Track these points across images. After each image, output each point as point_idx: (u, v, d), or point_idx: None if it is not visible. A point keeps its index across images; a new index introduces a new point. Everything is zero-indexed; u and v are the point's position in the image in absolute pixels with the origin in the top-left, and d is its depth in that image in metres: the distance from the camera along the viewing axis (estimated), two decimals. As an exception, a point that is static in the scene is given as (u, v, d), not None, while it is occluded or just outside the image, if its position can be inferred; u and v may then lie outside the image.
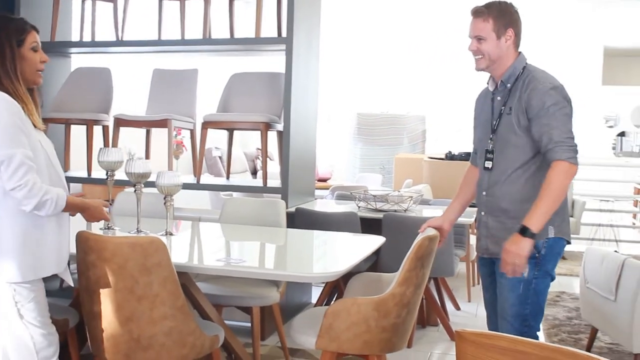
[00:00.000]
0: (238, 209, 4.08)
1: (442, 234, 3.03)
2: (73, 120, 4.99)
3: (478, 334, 1.84)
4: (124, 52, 5.43)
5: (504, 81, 2.79)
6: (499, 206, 2.79)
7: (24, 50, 2.52)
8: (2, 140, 2.35)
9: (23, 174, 2.35)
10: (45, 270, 2.51)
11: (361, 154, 10.31)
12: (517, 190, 2.74)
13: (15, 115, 2.39)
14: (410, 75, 11.09)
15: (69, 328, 3.07)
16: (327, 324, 2.71)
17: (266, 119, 4.61)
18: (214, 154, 8.65)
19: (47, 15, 5.12)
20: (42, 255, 2.48)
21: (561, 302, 5.53)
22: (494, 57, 2.76)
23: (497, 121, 2.80)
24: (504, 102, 2.78)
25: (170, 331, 2.59)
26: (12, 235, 2.42)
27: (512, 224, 2.69)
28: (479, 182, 2.91)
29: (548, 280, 2.77)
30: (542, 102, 2.64)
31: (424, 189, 6.44)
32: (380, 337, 2.72)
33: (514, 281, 2.72)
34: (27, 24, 2.58)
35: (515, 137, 2.72)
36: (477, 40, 2.77)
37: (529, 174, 2.72)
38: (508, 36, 2.75)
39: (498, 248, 2.73)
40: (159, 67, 5.33)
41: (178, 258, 2.98)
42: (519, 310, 2.75)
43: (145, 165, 3.27)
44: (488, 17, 2.74)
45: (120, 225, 3.49)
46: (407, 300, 2.74)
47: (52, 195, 2.41)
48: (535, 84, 2.68)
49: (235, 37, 5.16)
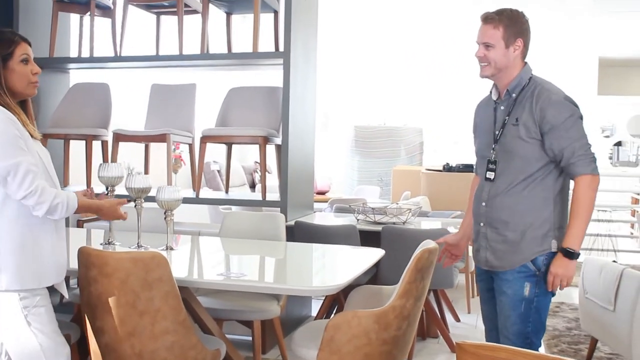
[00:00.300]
0: (238, 223, 4.10)
1: (459, 250, 3.03)
2: (72, 135, 5.01)
3: (478, 346, 1.85)
4: (122, 68, 5.46)
5: (509, 90, 2.74)
6: (499, 218, 2.74)
7: (12, 63, 2.52)
8: (4, 150, 2.38)
9: (31, 181, 2.39)
10: (46, 280, 2.53)
11: (359, 166, 10.34)
12: (518, 202, 2.70)
13: (13, 126, 2.42)
14: (407, 87, 11.14)
15: (70, 344, 3.07)
16: (328, 337, 2.71)
17: (264, 133, 4.64)
18: (212, 168, 8.67)
19: (45, 31, 5.15)
20: (42, 264, 2.50)
21: (561, 312, 5.54)
22: (500, 66, 2.72)
23: (501, 131, 2.74)
24: (508, 112, 2.73)
25: (172, 346, 2.59)
26: (10, 242, 2.44)
27: (512, 236, 2.68)
28: (478, 192, 2.86)
29: (549, 297, 2.74)
30: (558, 114, 2.60)
31: (422, 201, 6.45)
32: (380, 350, 2.72)
33: (515, 300, 2.70)
34: (15, 35, 2.58)
35: (521, 148, 2.67)
36: (485, 47, 2.71)
37: (532, 186, 2.68)
38: (517, 46, 2.70)
39: (498, 261, 2.73)
40: (157, 82, 5.36)
41: (179, 273, 2.99)
42: (521, 328, 2.72)
43: (145, 181, 3.29)
44: (498, 25, 2.68)
45: (120, 240, 3.50)
46: (408, 312, 2.75)
47: (62, 198, 2.46)
48: (548, 94, 2.64)
49: (233, 52, 5.20)
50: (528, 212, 2.67)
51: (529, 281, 2.66)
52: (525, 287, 2.68)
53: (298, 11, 4.67)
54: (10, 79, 2.52)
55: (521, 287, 2.69)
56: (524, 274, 2.69)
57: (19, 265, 2.44)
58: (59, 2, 5.13)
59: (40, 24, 5.22)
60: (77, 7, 5.24)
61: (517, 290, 2.70)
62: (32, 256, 2.48)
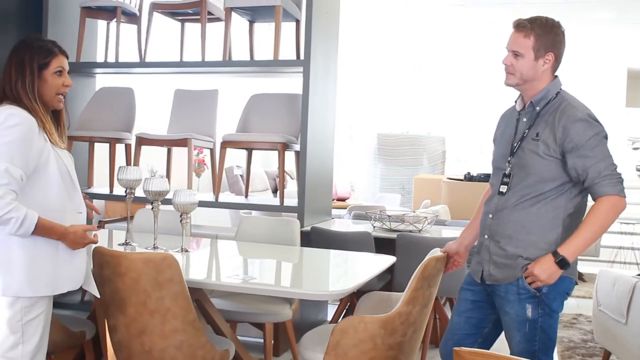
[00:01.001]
0: (253, 227, 4.17)
1: (461, 258, 2.96)
2: (96, 138, 5.12)
3: (474, 352, 1.90)
4: (146, 73, 5.58)
5: (533, 103, 2.63)
6: (503, 232, 2.64)
7: (46, 74, 2.57)
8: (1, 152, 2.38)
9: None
10: (60, 287, 2.52)
11: (381, 174, 10.38)
12: (525, 218, 2.59)
13: (25, 134, 2.43)
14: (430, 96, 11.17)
15: (85, 340, 3.16)
16: (335, 340, 2.76)
17: (283, 139, 4.71)
18: (235, 173, 8.77)
19: (73, 36, 5.29)
20: (57, 271, 2.50)
21: (577, 324, 5.53)
22: (526, 78, 2.60)
23: (519, 144, 2.63)
24: (530, 125, 2.62)
25: (181, 345, 2.67)
26: (22, 248, 2.43)
27: (514, 252, 2.60)
28: (487, 203, 2.76)
29: (556, 316, 2.62)
30: (583, 132, 2.48)
31: (441, 209, 6.47)
32: (386, 355, 2.76)
33: (518, 321, 2.60)
34: (55, 47, 2.63)
35: (537, 165, 2.56)
36: (514, 55, 2.59)
37: (542, 204, 2.57)
38: (547, 59, 2.58)
39: (501, 274, 2.64)
40: (180, 87, 5.47)
41: (193, 274, 3.07)
42: (527, 347, 2.60)
43: (162, 184, 3.37)
44: (530, 34, 2.55)
45: (138, 242, 3.60)
46: (414, 319, 2.79)
47: (19, 214, 2.36)
48: (573, 112, 2.52)
49: (255, 60, 5.28)
50: (533, 231, 2.58)
51: (530, 303, 2.56)
52: (527, 309, 2.57)
53: (319, 21, 4.74)
54: (41, 88, 2.56)
55: (523, 309, 2.58)
56: (524, 295, 2.58)
57: (31, 271, 2.43)
58: (86, 9, 5.27)
59: (68, 29, 5.36)
60: (104, 14, 5.37)
61: (519, 311, 2.59)
62: (46, 263, 2.47)
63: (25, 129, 2.44)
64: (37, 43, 2.60)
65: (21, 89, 2.52)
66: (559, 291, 2.59)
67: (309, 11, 4.62)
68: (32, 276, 2.43)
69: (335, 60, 5.21)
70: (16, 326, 2.44)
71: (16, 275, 2.42)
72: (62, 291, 2.53)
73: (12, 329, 2.44)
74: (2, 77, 2.56)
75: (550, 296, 2.57)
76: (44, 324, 2.50)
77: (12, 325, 2.44)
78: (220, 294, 3.84)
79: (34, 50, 2.57)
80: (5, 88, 2.54)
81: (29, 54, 2.56)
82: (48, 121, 2.56)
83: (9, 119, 2.42)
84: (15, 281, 2.42)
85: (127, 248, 3.41)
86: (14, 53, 2.58)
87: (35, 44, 2.59)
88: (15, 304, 2.43)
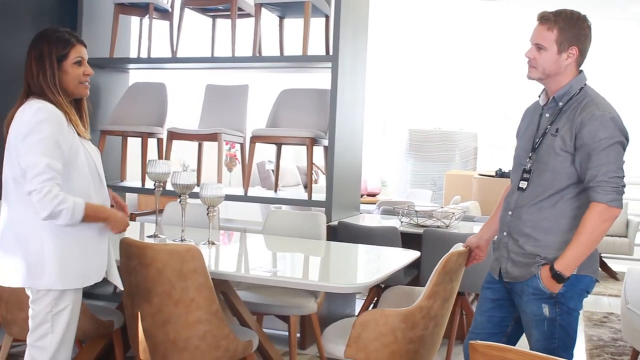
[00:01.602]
0: (280, 221, 4.22)
1: (481, 252, 2.94)
2: (129, 132, 5.22)
3: (489, 346, 1.91)
4: (178, 68, 5.66)
5: (556, 98, 2.58)
6: (522, 230, 2.60)
7: (66, 65, 2.59)
8: (34, 148, 2.43)
9: (42, 181, 2.39)
10: (89, 279, 2.59)
11: (412, 169, 10.36)
12: (543, 218, 2.56)
13: (55, 127, 2.48)
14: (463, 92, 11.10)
15: (113, 329, 3.24)
16: (356, 333, 2.79)
17: (312, 134, 4.74)
18: (267, 167, 8.83)
19: (107, 33, 5.39)
20: (85, 264, 2.56)
21: (608, 323, 5.47)
22: (549, 72, 2.56)
23: (540, 140, 2.59)
24: (551, 121, 2.58)
25: (204, 334, 2.73)
26: (54, 243, 2.48)
27: (532, 250, 2.57)
28: (507, 199, 2.72)
29: (575, 314, 2.57)
30: (595, 132, 2.42)
31: (471, 205, 6.45)
32: (407, 348, 2.79)
33: (537, 319, 2.57)
34: (72, 37, 2.63)
35: (554, 160, 2.52)
36: (537, 48, 2.55)
37: (560, 203, 2.53)
38: (571, 53, 2.52)
39: (518, 271, 2.61)
40: (211, 82, 5.54)
41: (220, 267, 3.13)
42: (546, 345, 2.57)
43: (189, 177, 3.44)
44: (553, 27, 2.51)
45: (167, 234, 3.67)
46: (435, 313, 2.81)
47: (68, 204, 2.42)
48: (592, 109, 2.46)
49: (284, 55, 5.32)
50: (552, 232, 2.54)
51: (546, 303, 2.53)
52: (543, 308, 2.55)
53: (347, 16, 4.76)
54: (63, 79, 2.58)
55: (539, 308, 2.56)
56: (539, 296, 2.55)
57: (62, 266, 2.49)
58: (119, 5, 5.36)
59: (102, 26, 5.46)
60: (136, 10, 5.46)
61: (535, 310, 2.57)
62: (75, 256, 2.53)
63: (55, 122, 2.49)
64: (54, 35, 2.61)
65: (43, 82, 2.54)
66: (576, 290, 2.55)
67: (338, 7, 4.65)
68: (63, 270, 2.49)
69: (364, 55, 5.23)
70: (46, 317, 2.52)
71: (48, 269, 2.48)
72: (90, 283, 2.59)
73: (42, 320, 2.52)
74: (25, 72, 2.60)
75: (567, 295, 2.53)
76: (72, 314, 2.57)
77: (43, 316, 2.52)
78: (247, 286, 3.90)
79: (51, 43, 2.57)
80: (30, 83, 2.57)
81: (47, 46, 2.57)
82: (73, 113, 2.60)
83: (38, 114, 2.46)
84: (47, 274, 2.48)
85: (156, 240, 3.48)
86: (32, 47, 2.60)
87: (52, 36, 2.60)
88: (46, 296, 2.51)
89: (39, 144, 2.43)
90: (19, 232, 2.51)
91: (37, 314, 2.53)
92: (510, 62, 10.39)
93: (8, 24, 4.94)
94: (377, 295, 4.61)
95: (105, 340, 3.38)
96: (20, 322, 2.96)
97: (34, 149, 2.43)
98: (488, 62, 10.84)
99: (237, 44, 5.10)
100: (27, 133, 2.45)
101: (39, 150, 2.43)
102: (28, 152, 2.43)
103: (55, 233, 2.49)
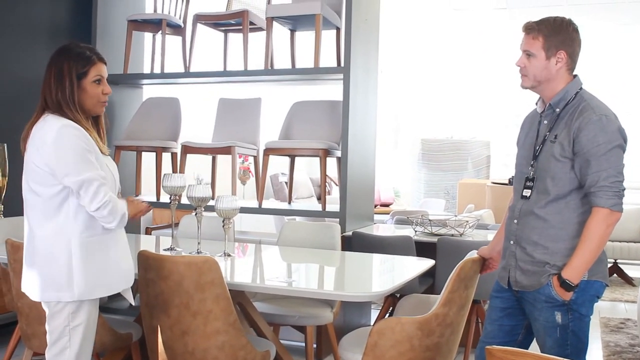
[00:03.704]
0: (295, 233, 4.24)
1: (494, 262, 2.94)
2: (143, 147, 5.27)
3: (505, 351, 1.92)
4: (191, 83, 5.71)
5: (552, 105, 2.59)
6: (529, 238, 2.60)
7: (85, 83, 2.58)
8: (75, 165, 2.46)
9: (104, 194, 2.47)
10: (115, 287, 2.63)
11: (425, 179, 10.37)
12: (550, 225, 2.56)
13: (83, 141, 2.50)
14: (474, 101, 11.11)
15: (132, 342, 3.27)
16: (372, 342, 2.79)
17: (325, 146, 4.78)
18: (280, 180, 8.86)
19: (120, 49, 5.46)
20: (110, 272, 2.60)
21: (625, 329, 5.44)
22: (540, 79, 2.58)
23: (540, 147, 2.60)
24: (550, 127, 2.58)
25: (222, 345, 2.75)
26: (80, 254, 2.51)
27: (542, 258, 2.57)
28: (512, 208, 2.73)
29: (586, 319, 2.58)
30: (593, 136, 2.43)
31: (485, 214, 6.45)
32: (423, 356, 2.79)
33: (548, 327, 2.58)
34: (93, 55, 2.62)
35: (554, 167, 2.53)
36: (526, 55, 2.59)
37: (565, 210, 2.54)
38: (559, 58, 2.54)
39: (528, 280, 2.61)
40: (224, 96, 5.59)
41: (236, 278, 3.16)
42: (559, 352, 2.56)
43: (205, 190, 3.47)
44: (538, 35, 2.56)
45: (183, 247, 3.70)
46: (451, 320, 2.82)
47: (125, 208, 2.58)
48: (589, 114, 2.46)
49: (296, 67, 5.36)
50: (560, 239, 2.55)
51: (559, 310, 2.54)
52: (556, 316, 2.55)
53: (358, 28, 4.80)
54: (81, 97, 2.57)
55: (552, 315, 2.56)
56: (552, 304, 2.55)
57: (88, 275, 2.52)
58: (133, 22, 5.44)
59: (115, 42, 5.54)
60: (149, 26, 5.54)
61: (548, 317, 2.57)
62: (101, 266, 2.57)
63: (82, 135, 2.51)
64: (75, 50, 2.60)
65: (62, 99, 2.54)
66: (587, 296, 2.55)
67: (349, 19, 4.69)
68: (90, 280, 2.53)
69: (375, 66, 5.27)
70: (64, 331, 2.55)
71: (77, 280, 2.51)
72: (117, 290, 2.64)
73: (60, 334, 2.56)
74: (43, 87, 2.59)
75: (579, 301, 2.54)
76: (90, 328, 2.60)
77: (60, 330, 2.55)
78: (263, 297, 3.92)
79: (71, 60, 2.56)
80: (47, 98, 2.57)
81: (67, 63, 2.56)
82: (92, 130, 2.61)
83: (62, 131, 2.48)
84: (76, 286, 2.51)
85: (172, 253, 3.50)
86: (52, 63, 2.59)
87: (72, 52, 2.59)
88: (63, 311, 2.54)
89: (77, 160, 2.47)
90: (45, 246, 2.54)
91: (55, 328, 2.56)
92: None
93: (23, 39, 5.02)
94: (393, 305, 4.61)
95: (124, 353, 3.41)
96: (40, 336, 3.00)
97: (76, 167, 2.47)
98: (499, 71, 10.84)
99: (249, 57, 5.15)
100: (59, 153, 2.47)
101: (81, 167, 2.47)
102: (71, 172, 2.46)
103: (81, 244, 2.52)
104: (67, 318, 2.54)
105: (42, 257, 2.54)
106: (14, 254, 3.05)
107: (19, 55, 4.98)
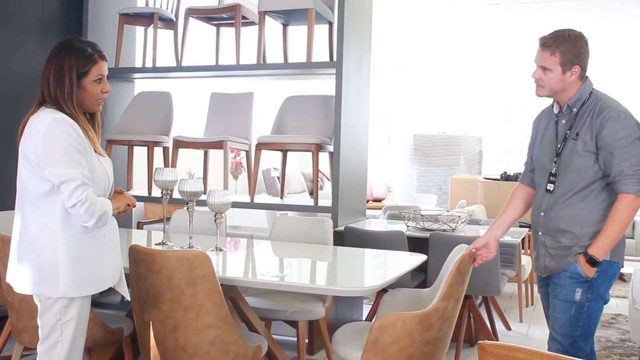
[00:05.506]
0: (287, 227, 4.23)
1: (489, 250, 3.01)
2: (135, 142, 5.24)
3: (497, 346, 1.92)
4: (183, 77, 5.69)
5: (570, 105, 2.82)
6: (557, 227, 2.82)
7: (85, 82, 2.55)
8: (60, 160, 2.43)
9: (82, 192, 2.42)
10: (103, 284, 2.59)
11: (418, 174, 10.38)
12: (576, 213, 2.78)
13: (72, 137, 2.47)
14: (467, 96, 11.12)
15: (123, 336, 3.26)
16: (373, 338, 2.76)
17: (317, 141, 4.76)
18: (272, 175, 8.85)
19: (112, 42, 5.42)
20: (99, 269, 2.57)
21: (616, 324, 5.46)
22: (556, 90, 2.80)
23: (562, 145, 2.82)
24: (570, 126, 2.81)
25: (214, 340, 2.74)
26: (67, 251, 2.49)
27: (569, 243, 2.78)
28: (537, 202, 2.94)
29: (601, 304, 2.81)
30: (615, 131, 2.67)
31: (477, 209, 6.46)
32: (423, 351, 2.78)
33: (566, 303, 2.79)
34: (95, 53, 2.59)
35: (578, 161, 2.76)
36: (542, 69, 2.79)
37: (590, 198, 2.76)
38: (574, 71, 2.77)
39: (554, 263, 2.83)
40: (216, 90, 5.56)
41: (227, 273, 3.15)
42: (570, 331, 2.79)
43: (196, 184, 3.46)
44: (555, 51, 2.75)
45: (175, 241, 3.69)
46: (449, 314, 2.82)
47: (107, 207, 2.51)
48: (608, 111, 2.71)
49: (289, 62, 5.34)
50: (586, 224, 2.76)
51: (580, 287, 2.75)
52: (576, 292, 2.76)
53: (351, 22, 4.79)
54: (79, 95, 2.55)
55: (572, 292, 2.77)
56: (576, 280, 2.76)
57: (76, 273, 2.50)
58: (124, 16, 5.40)
59: (107, 36, 5.50)
60: (141, 20, 5.50)
61: (567, 294, 2.78)
62: (89, 263, 2.54)
63: (72, 131, 2.48)
64: (77, 47, 2.56)
65: (60, 96, 2.51)
66: (607, 276, 2.78)
67: (341, 13, 4.67)
68: (76, 277, 2.50)
69: (368, 61, 5.25)
70: (56, 326, 2.53)
71: (63, 277, 2.48)
72: (105, 287, 2.60)
73: (52, 329, 2.53)
74: (41, 81, 2.56)
75: (599, 280, 2.76)
76: (81, 322, 2.58)
77: (52, 325, 2.53)
78: (255, 292, 3.92)
79: (73, 57, 2.53)
80: (44, 93, 2.54)
81: (69, 61, 2.52)
82: (90, 129, 2.57)
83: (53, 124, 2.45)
84: (62, 282, 2.48)
85: (164, 248, 3.49)
86: (53, 58, 2.55)
87: (74, 49, 2.55)
88: (55, 305, 2.51)
89: (63, 155, 2.43)
90: (33, 240, 2.51)
91: (46, 323, 2.54)
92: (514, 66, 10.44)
93: (14, 34, 4.98)
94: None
95: (115, 348, 3.40)
96: (31, 331, 2.98)
97: (60, 160, 2.43)
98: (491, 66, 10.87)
99: (242, 51, 5.13)
100: (47, 144, 2.44)
101: (65, 162, 2.43)
102: (55, 164, 2.43)
103: (68, 240, 2.50)
104: (59, 313, 2.52)
105: (29, 251, 2.52)
106: (3, 248, 3.02)
107: (9, 51, 4.94)
